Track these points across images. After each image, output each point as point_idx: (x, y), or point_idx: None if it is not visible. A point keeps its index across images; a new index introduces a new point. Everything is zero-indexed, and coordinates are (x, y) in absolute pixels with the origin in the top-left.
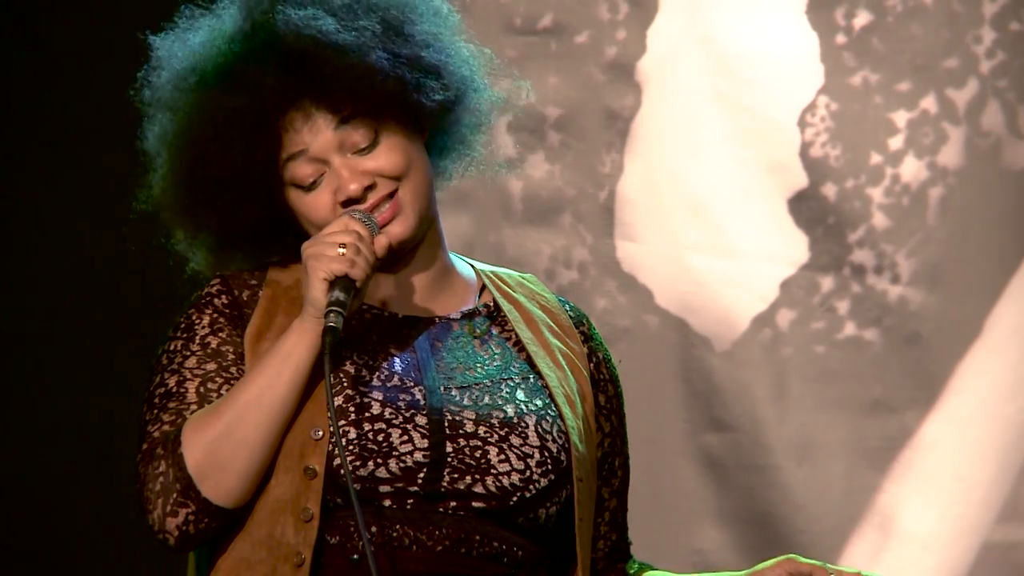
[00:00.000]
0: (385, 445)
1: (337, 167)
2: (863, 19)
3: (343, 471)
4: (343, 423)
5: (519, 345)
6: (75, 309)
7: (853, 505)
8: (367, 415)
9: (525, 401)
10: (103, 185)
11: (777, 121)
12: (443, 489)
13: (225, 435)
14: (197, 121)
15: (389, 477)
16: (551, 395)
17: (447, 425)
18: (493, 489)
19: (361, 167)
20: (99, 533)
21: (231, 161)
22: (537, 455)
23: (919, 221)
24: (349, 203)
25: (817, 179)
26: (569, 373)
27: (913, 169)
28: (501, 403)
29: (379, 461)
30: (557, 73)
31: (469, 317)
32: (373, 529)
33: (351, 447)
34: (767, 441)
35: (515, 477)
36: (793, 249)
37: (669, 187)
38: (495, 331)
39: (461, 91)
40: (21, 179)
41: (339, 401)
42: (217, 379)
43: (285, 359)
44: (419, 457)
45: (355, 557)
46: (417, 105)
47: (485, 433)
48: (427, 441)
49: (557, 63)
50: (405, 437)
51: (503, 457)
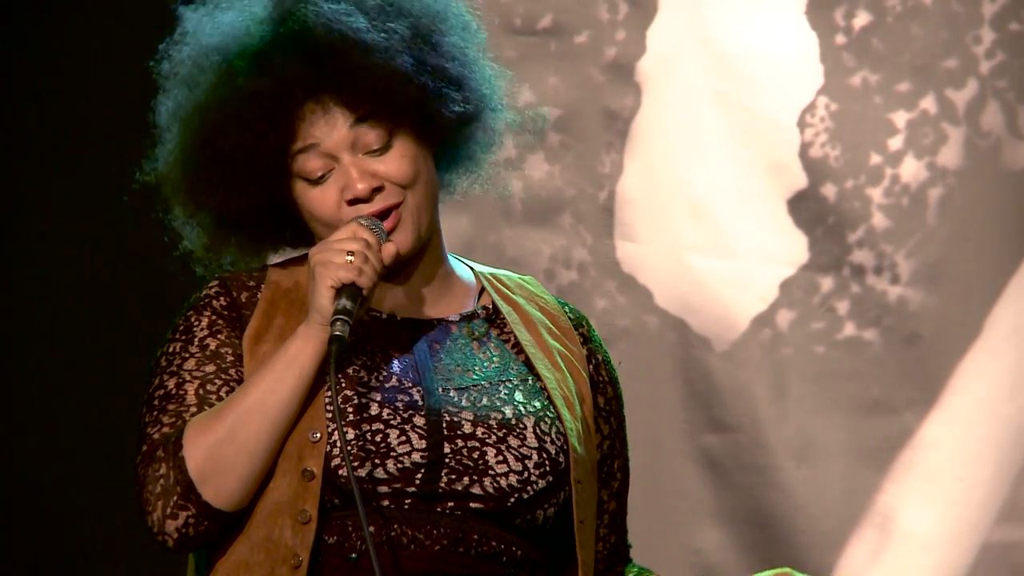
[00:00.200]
0: (383, 446)
1: (347, 165)
2: (863, 19)
3: (347, 475)
4: (335, 419)
5: (518, 347)
6: (74, 308)
7: (853, 505)
8: (365, 416)
9: (523, 403)
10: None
11: (777, 121)
12: (441, 490)
13: (227, 439)
14: (215, 100)
15: (387, 478)
16: (549, 397)
17: (445, 426)
18: (491, 490)
19: (371, 168)
20: (99, 534)
21: (244, 143)
22: (535, 456)
23: (919, 221)
24: (355, 202)
25: (817, 179)
26: (568, 375)
27: (913, 169)
28: (499, 404)
29: (377, 462)
30: (557, 73)
31: (468, 319)
32: (371, 528)
33: (349, 448)
34: (767, 441)
35: (513, 478)
36: (793, 249)
37: (669, 187)
38: (494, 333)
39: (479, 108)
40: (21, 179)
41: (337, 401)
42: (216, 381)
43: (289, 364)
44: (417, 458)
45: (353, 556)
46: (435, 115)
47: (483, 434)
48: (425, 442)
49: (557, 63)
50: (403, 438)
51: (501, 458)
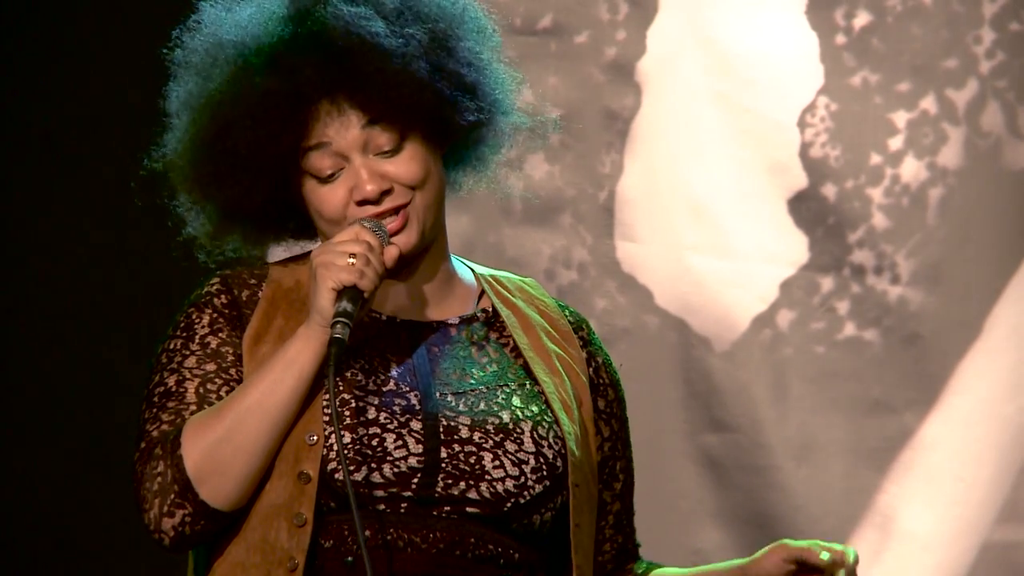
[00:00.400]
0: (380, 450)
1: (357, 166)
2: (863, 19)
3: (344, 481)
4: (334, 424)
5: (516, 351)
6: (74, 308)
7: (853, 505)
8: (362, 419)
9: (521, 407)
10: (103, 185)
11: (777, 121)
12: (437, 495)
13: (225, 439)
14: (230, 95)
15: (383, 482)
16: (547, 401)
17: (442, 431)
18: (487, 495)
19: (381, 170)
20: (99, 534)
21: (256, 140)
22: (532, 461)
23: (919, 221)
24: (363, 203)
25: (817, 179)
26: (566, 378)
27: (913, 169)
28: (497, 409)
29: (373, 466)
30: (557, 73)
31: (467, 323)
32: (367, 533)
33: (346, 451)
34: (767, 441)
35: (509, 483)
36: (793, 249)
37: (669, 187)
38: (493, 337)
39: (491, 113)
40: (20, 179)
41: (335, 404)
42: (216, 380)
43: (289, 366)
44: (413, 462)
45: (349, 560)
46: (448, 120)
47: (480, 439)
48: (422, 446)
49: (557, 63)
50: (400, 442)
51: (498, 463)
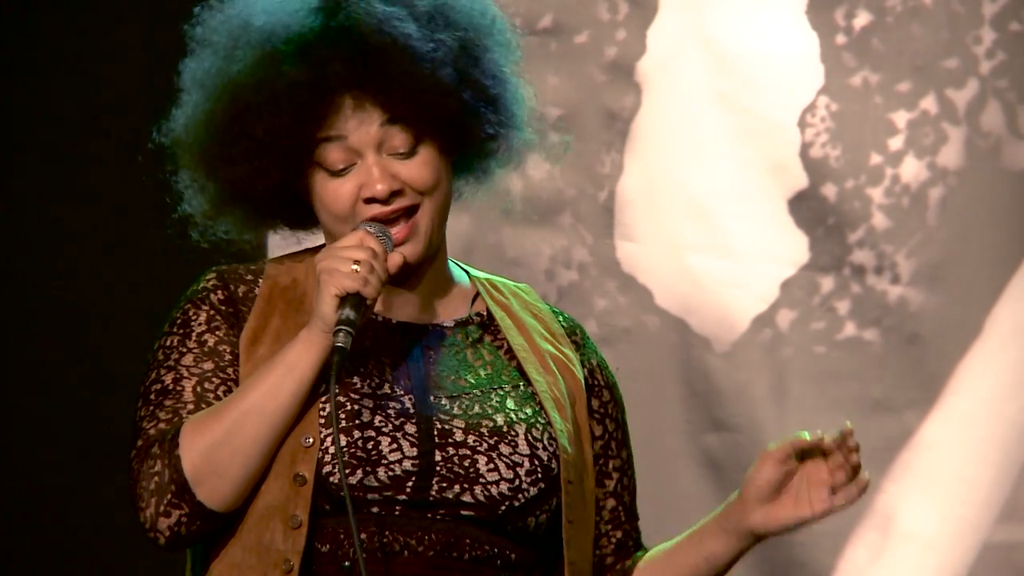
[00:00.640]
0: (374, 453)
1: (369, 163)
2: (863, 19)
3: (341, 485)
4: (333, 430)
5: (510, 353)
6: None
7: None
8: (357, 423)
9: (515, 410)
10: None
11: (777, 121)
12: (431, 498)
13: (223, 442)
14: (253, 80)
15: (378, 485)
16: (540, 401)
17: (436, 434)
18: (481, 498)
19: (392, 170)
20: (96, 535)
21: (276, 126)
22: (527, 464)
23: (919, 221)
24: (371, 201)
25: (817, 179)
26: (560, 377)
27: (913, 169)
28: (491, 412)
29: (368, 469)
30: (557, 73)
31: (462, 325)
32: (363, 536)
33: (342, 456)
34: (767, 441)
35: (504, 486)
36: (793, 249)
37: (669, 187)
38: (487, 339)
39: (508, 128)
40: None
41: (329, 407)
42: (214, 379)
43: (289, 370)
44: (408, 466)
45: (346, 564)
46: (466, 130)
47: (474, 442)
48: (416, 449)
49: (557, 63)
50: (394, 445)
51: (492, 466)
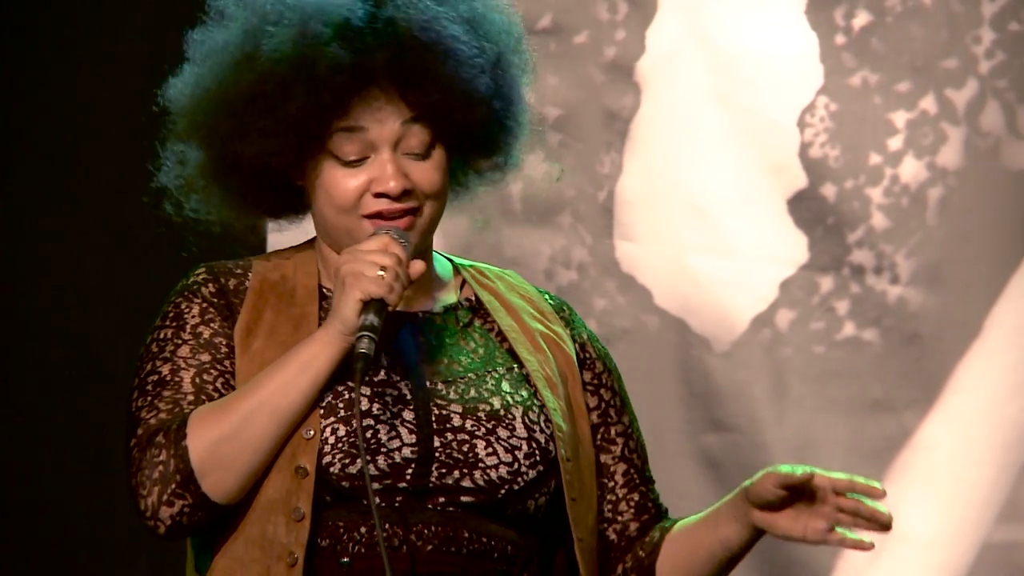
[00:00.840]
0: (373, 442)
1: (385, 159)
2: (862, 19)
3: (338, 473)
4: (332, 420)
5: (501, 336)
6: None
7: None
8: (355, 411)
9: (511, 392)
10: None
11: (776, 121)
12: (431, 485)
13: (232, 435)
14: (289, 57)
15: (378, 474)
16: (533, 381)
17: (434, 420)
18: (481, 483)
19: (406, 169)
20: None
21: (307, 107)
22: (525, 447)
23: (918, 221)
24: (380, 196)
25: (816, 179)
26: (550, 355)
27: (912, 169)
28: (487, 396)
29: (367, 458)
30: (556, 73)
31: (452, 311)
32: (362, 530)
33: (340, 445)
34: (766, 441)
35: (503, 470)
36: (792, 249)
37: (668, 187)
38: (477, 323)
39: (511, 150)
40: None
41: (328, 397)
42: (212, 371)
43: (304, 368)
44: (407, 453)
45: (345, 560)
46: (478, 141)
47: (472, 427)
48: (415, 436)
49: (556, 63)
50: (393, 433)
51: (491, 450)
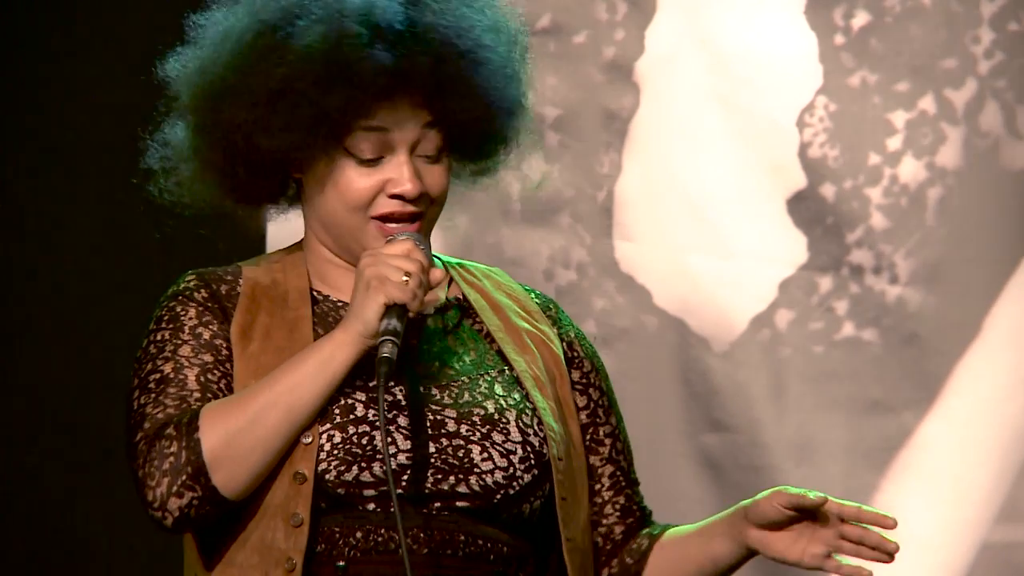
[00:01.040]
0: (369, 449)
1: (402, 161)
2: (861, 19)
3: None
4: (328, 427)
5: (490, 336)
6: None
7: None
8: (351, 418)
9: (503, 396)
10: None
11: (775, 122)
12: (427, 490)
13: (246, 430)
14: (323, 54)
15: (373, 481)
16: (522, 382)
17: (429, 425)
18: (477, 488)
19: (420, 172)
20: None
21: (343, 102)
22: (520, 451)
23: (918, 221)
24: (395, 197)
25: (815, 179)
26: (538, 354)
27: (912, 169)
28: (481, 399)
29: (363, 465)
30: (555, 73)
31: (441, 312)
32: (358, 535)
33: (336, 451)
34: (766, 441)
35: (499, 475)
36: (791, 249)
37: (667, 188)
38: (466, 323)
39: (504, 157)
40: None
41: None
42: (216, 371)
43: (321, 367)
44: (403, 459)
45: (340, 564)
46: (487, 151)
47: (467, 431)
48: (410, 442)
49: (555, 63)
50: (388, 439)
51: (486, 455)
